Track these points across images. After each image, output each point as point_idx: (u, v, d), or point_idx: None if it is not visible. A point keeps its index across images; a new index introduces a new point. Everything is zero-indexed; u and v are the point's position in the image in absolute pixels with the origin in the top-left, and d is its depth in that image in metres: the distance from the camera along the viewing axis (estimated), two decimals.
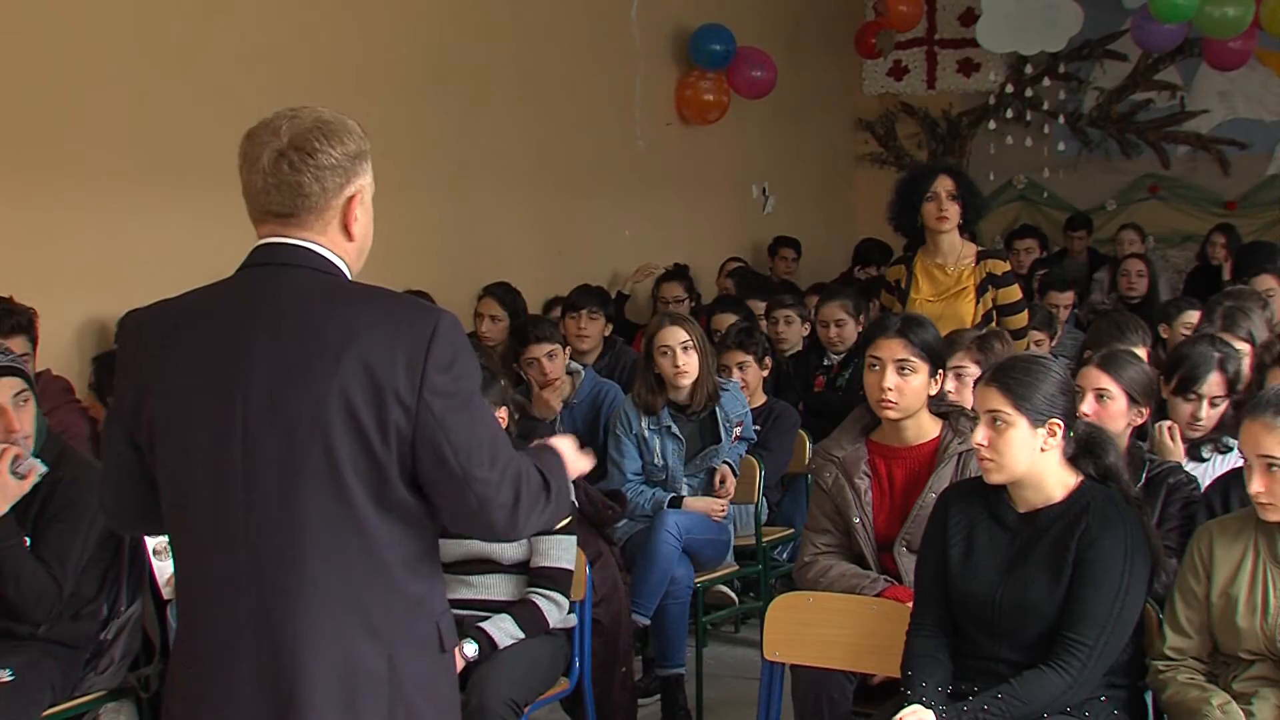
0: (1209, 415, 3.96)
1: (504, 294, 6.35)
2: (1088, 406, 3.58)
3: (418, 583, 2.17)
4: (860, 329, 6.19)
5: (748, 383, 5.51)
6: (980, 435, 3.07)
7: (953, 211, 5.40)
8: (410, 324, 2.10)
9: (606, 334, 6.48)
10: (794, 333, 6.61)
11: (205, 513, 2.14)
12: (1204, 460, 3.94)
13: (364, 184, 2.21)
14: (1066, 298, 7.28)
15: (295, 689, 2.08)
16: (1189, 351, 4.06)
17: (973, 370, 4.29)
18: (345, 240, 2.20)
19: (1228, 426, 3.99)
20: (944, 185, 5.41)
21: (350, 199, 2.19)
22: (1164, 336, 5.49)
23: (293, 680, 2.08)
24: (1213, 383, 3.98)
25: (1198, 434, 3.97)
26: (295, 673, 2.08)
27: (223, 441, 2.10)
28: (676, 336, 4.97)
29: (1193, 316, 5.35)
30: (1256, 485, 2.94)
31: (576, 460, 2.42)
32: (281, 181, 2.13)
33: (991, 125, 10.60)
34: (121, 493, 2.26)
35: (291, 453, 2.07)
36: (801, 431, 5.55)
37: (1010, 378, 3.07)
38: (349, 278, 2.20)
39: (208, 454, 2.12)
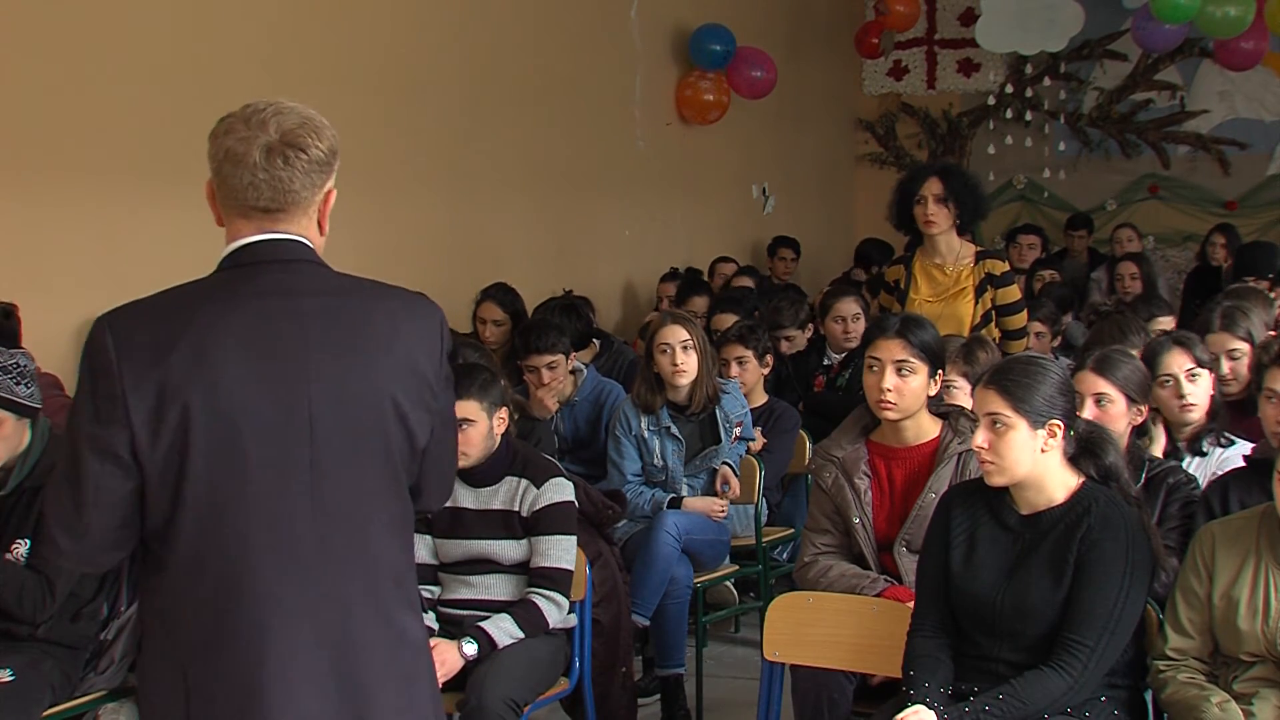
0: (1191, 391, 3.94)
1: (502, 296, 6.27)
2: (1088, 412, 3.57)
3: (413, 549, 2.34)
4: None
5: (746, 380, 5.49)
6: (980, 438, 3.07)
7: (940, 215, 5.38)
8: (427, 315, 2.25)
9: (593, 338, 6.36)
10: (802, 340, 6.62)
11: (258, 507, 2.09)
12: (1204, 454, 3.93)
13: (334, 179, 2.25)
14: (1065, 317, 7.20)
15: (362, 670, 2.14)
16: (1148, 352, 4.10)
17: (960, 383, 4.29)
18: (318, 234, 2.25)
19: (1223, 419, 3.99)
20: (931, 189, 5.39)
21: (328, 194, 2.23)
22: None
23: (361, 661, 2.14)
24: (1177, 357, 3.96)
25: (1191, 414, 3.95)
26: (364, 654, 2.14)
27: (286, 433, 2.10)
28: (677, 335, 4.97)
29: (1165, 322, 5.35)
30: None
31: None
32: (274, 177, 2.13)
33: (991, 125, 10.61)
34: (111, 513, 2.10)
35: (358, 440, 2.15)
36: (801, 431, 5.55)
37: (1009, 379, 3.07)
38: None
39: (268, 447, 2.09)
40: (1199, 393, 3.96)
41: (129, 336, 2.09)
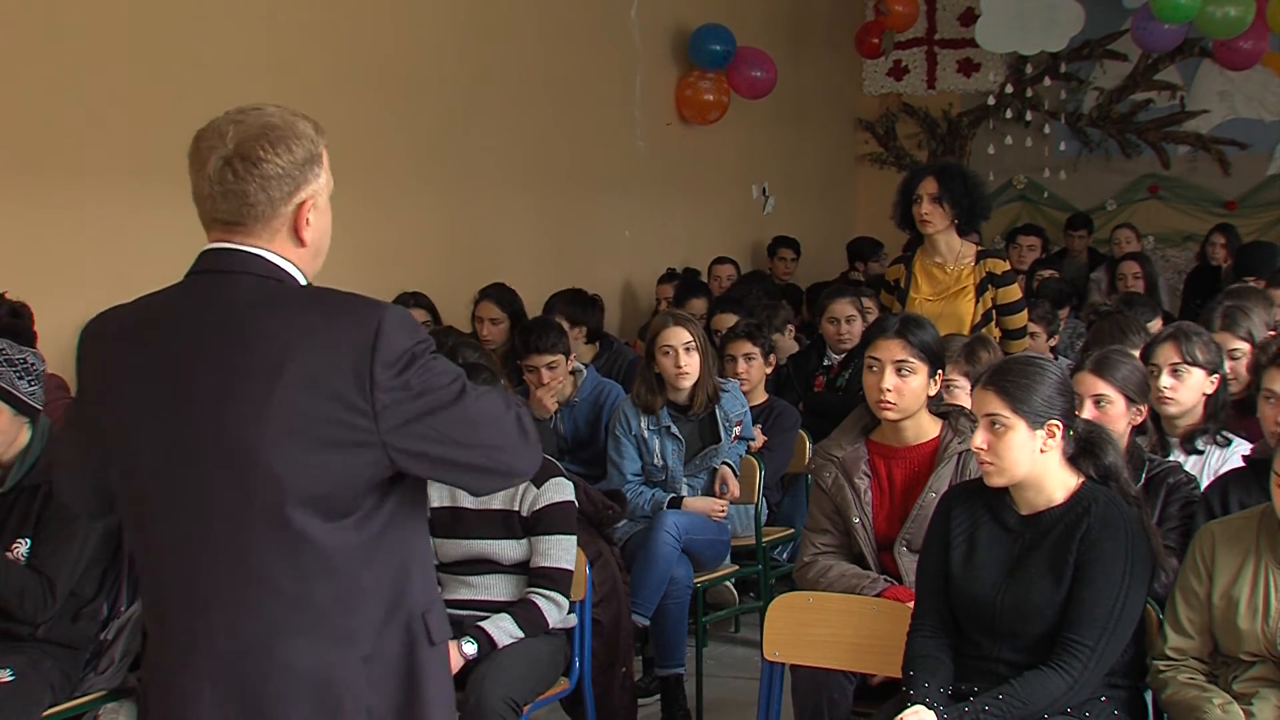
0: (1169, 385, 3.94)
1: (500, 295, 6.28)
2: (1087, 413, 3.56)
3: (389, 581, 2.13)
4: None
5: (752, 377, 5.52)
6: (979, 439, 3.07)
7: (935, 214, 5.38)
8: (352, 326, 2.04)
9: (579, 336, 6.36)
10: (785, 343, 6.62)
11: (159, 531, 2.11)
12: (1199, 452, 3.93)
13: (316, 189, 2.14)
14: (1062, 312, 7.23)
15: (262, 704, 2.07)
16: (1148, 344, 4.14)
17: (962, 382, 4.29)
18: (296, 246, 2.14)
19: (1223, 421, 3.99)
20: (927, 188, 5.40)
21: (300, 205, 2.12)
22: None
23: (259, 696, 2.06)
24: (1165, 351, 3.97)
25: (1167, 408, 3.94)
26: (262, 688, 2.06)
27: (169, 460, 2.07)
28: (680, 337, 4.97)
29: (1154, 326, 5.35)
30: None
31: None
32: (227, 190, 2.07)
33: (991, 125, 10.61)
34: (79, 483, 2.26)
35: (236, 470, 2.03)
36: (801, 431, 5.55)
37: (1007, 380, 3.07)
38: (300, 282, 2.14)
39: (156, 473, 2.09)
40: (1181, 389, 3.95)
41: (81, 346, 2.22)
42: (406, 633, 2.15)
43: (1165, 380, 3.93)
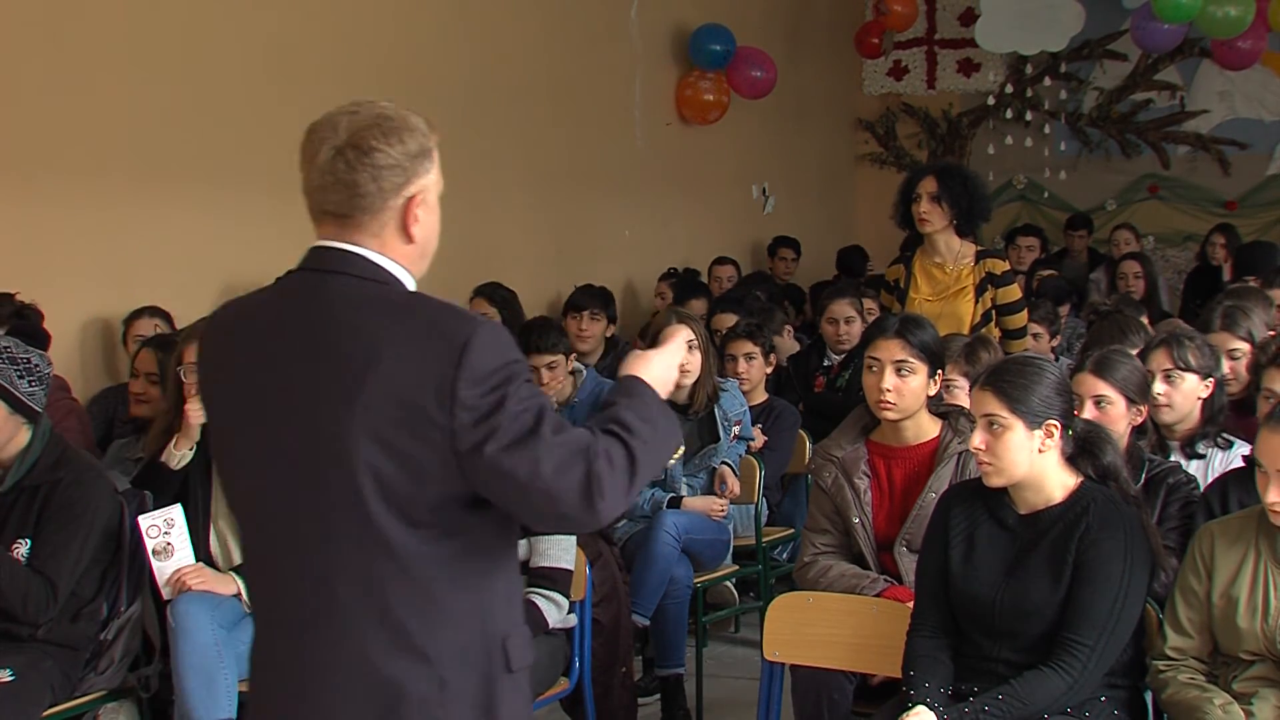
0: (1163, 391, 3.92)
1: (493, 292, 6.41)
2: (1088, 414, 3.56)
3: (470, 600, 2.08)
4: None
5: (753, 377, 5.52)
6: (978, 439, 3.07)
7: (934, 214, 5.38)
8: (441, 340, 2.00)
9: (609, 334, 6.50)
10: (784, 344, 6.64)
11: (247, 525, 2.17)
12: (1201, 457, 3.91)
13: (426, 184, 2.14)
14: (1062, 310, 7.24)
15: (334, 711, 2.06)
16: (1141, 349, 4.11)
17: (961, 383, 4.29)
18: (404, 243, 2.12)
19: (1222, 424, 3.98)
20: (926, 188, 5.40)
21: (410, 199, 2.11)
22: None
23: (331, 703, 2.06)
24: (1158, 357, 3.95)
25: (1163, 415, 3.92)
26: (331, 695, 2.05)
27: (254, 459, 2.09)
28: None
29: None
30: (1273, 496, 2.90)
31: (664, 372, 2.24)
32: (338, 180, 2.06)
33: (991, 125, 10.60)
34: None
35: (314, 475, 2.02)
36: (801, 431, 5.56)
37: (1005, 380, 3.06)
38: (403, 283, 2.12)
39: (244, 470, 2.12)
40: (1175, 395, 3.91)
41: (204, 339, 2.25)
42: (486, 659, 2.09)
43: (1158, 387, 3.90)
